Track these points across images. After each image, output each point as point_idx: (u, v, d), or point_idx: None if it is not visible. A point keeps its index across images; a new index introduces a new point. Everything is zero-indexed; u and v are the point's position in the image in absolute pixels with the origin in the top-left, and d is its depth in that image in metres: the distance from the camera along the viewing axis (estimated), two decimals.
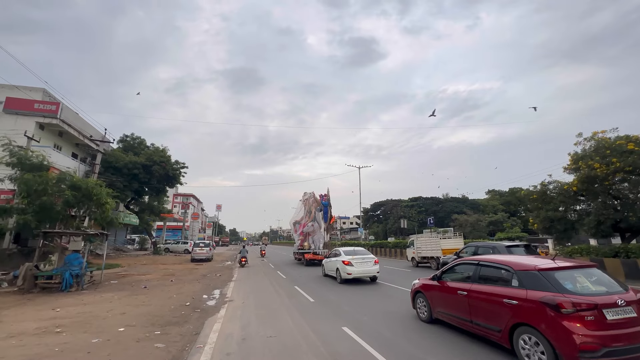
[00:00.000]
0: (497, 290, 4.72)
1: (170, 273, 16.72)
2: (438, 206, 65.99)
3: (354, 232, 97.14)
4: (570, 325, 3.67)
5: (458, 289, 5.46)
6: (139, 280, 13.84)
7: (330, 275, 13.76)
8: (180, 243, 36.05)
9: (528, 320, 4.08)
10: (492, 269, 5.14)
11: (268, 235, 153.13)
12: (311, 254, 20.38)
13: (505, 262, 4.97)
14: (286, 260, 26.45)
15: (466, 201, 66.22)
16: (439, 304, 6.04)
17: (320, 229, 22.07)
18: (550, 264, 4.52)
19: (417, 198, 70.62)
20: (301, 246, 22.29)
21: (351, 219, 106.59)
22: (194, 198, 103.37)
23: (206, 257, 24.62)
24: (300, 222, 24.17)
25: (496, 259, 5.32)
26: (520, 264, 4.69)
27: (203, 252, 24.51)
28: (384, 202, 79.79)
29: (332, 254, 14.25)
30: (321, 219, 22.36)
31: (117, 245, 34.31)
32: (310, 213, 23.19)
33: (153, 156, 28.52)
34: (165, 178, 29.88)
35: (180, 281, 13.72)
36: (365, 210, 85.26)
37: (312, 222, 22.49)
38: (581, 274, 4.36)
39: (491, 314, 4.71)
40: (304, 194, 24.67)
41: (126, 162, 26.68)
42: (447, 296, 5.80)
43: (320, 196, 23.21)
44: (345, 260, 12.13)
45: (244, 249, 22.90)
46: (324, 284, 12.34)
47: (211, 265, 22.36)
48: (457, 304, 5.44)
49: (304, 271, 17.67)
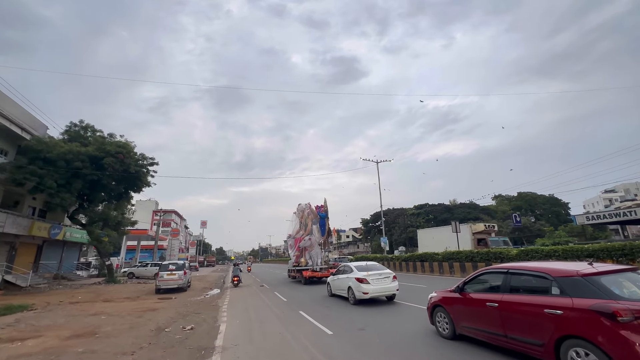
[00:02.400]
0: (535, 300, 4.20)
1: (89, 329, 8.52)
2: (448, 213, 59.52)
3: (352, 246, 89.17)
4: (630, 335, 3.24)
5: (487, 301, 4.91)
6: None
7: (338, 295, 11.77)
8: (150, 266, 27.39)
9: (578, 331, 3.61)
10: (525, 277, 4.61)
11: (257, 252, 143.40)
12: (310, 271, 18.10)
13: (540, 269, 4.45)
14: (281, 279, 23.33)
15: (477, 207, 60.21)
16: (464, 318, 5.45)
17: (317, 243, 19.73)
18: (589, 268, 4.06)
19: (422, 205, 64.05)
20: (297, 262, 19.97)
21: (347, 232, 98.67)
22: (176, 214, 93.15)
23: (179, 285, 16.45)
24: (295, 236, 21.73)
25: (529, 266, 4.76)
26: (559, 270, 4.21)
27: (173, 279, 16.33)
28: (386, 212, 72.86)
29: (339, 270, 12.09)
30: (318, 232, 20.17)
31: (63, 272, 25.33)
32: (306, 226, 20.65)
33: (106, 146, 20.51)
34: (126, 177, 21.79)
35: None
36: (364, 221, 77.92)
37: (309, 235, 19.95)
38: (625, 279, 3.96)
39: (530, 327, 4.18)
40: (299, 205, 22.18)
41: (63, 151, 18.56)
42: (473, 309, 5.26)
43: (317, 207, 21.06)
44: (360, 277, 10.11)
45: (236, 267, 19.99)
46: (335, 307, 10.03)
47: (184, 298, 14.25)
48: (487, 318, 4.87)
49: (304, 292, 14.89)
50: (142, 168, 22.78)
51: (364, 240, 75.40)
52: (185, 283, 17.04)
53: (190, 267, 19.08)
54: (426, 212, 61.11)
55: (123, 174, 21.28)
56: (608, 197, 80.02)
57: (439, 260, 19.44)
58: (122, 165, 20.64)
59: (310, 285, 17.46)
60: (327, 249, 25.12)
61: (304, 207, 21.67)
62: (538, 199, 65.65)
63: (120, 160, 20.41)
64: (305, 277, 17.78)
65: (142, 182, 23.26)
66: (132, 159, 21.56)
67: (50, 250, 25.00)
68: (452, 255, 18.70)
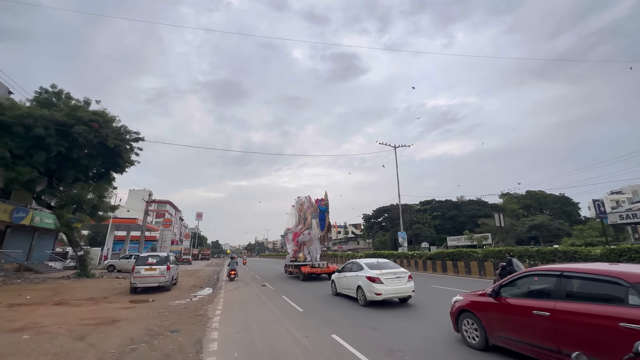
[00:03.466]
0: (605, 310, 3.31)
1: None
2: (456, 210, 56.43)
3: (352, 242, 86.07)
4: None
5: (533, 309, 4.03)
6: None
7: (344, 294, 10.54)
8: (134, 258, 23.78)
9: None
10: (587, 281, 3.70)
11: (254, 246, 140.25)
12: (309, 266, 17.25)
13: (611, 273, 3.48)
14: (279, 274, 22.07)
15: (486, 204, 57.19)
16: (500, 327, 4.59)
17: (317, 238, 18.88)
18: None
19: (428, 201, 60.87)
20: (294, 257, 19.35)
21: (348, 228, 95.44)
22: (170, 205, 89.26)
23: (160, 283, 12.91)
24: (294, 230, 21.00)
25: (593, 269, 3.76)
26: (637, 275, 3.25)
27: (153, 275, 12.76)
28: (388, 208, 69.61)
29: (346, 267, 10.72)
30: (317, 227, 19.03)
31: (31, 262, 21.67)
32: (305, 220, 19.79)
33: (77, 112, 16.84)
34: (103, 153, 18.18)
35: None
36: (366, 217, 74.71)
37: (308, 229, 19.04)
38: None
39: (597, 344, 3.31)
40: (298, 198, 21.28)
41: (21, 113, 14.87)
42: (514, 318, 4.37)
43: (317, 201, 19.70)
44: (372, 276, 8.79)
45: (232, 260, 19.52)
46: (344, 309, 8.66)
47: (164, 301, 10.76)
48: (534, 329, 4.02)
49: (305, 289, 13.76)
50: (124, 143, 19.11)
51: (365, 237, 72.21)
52: (169, 281, 13.52)
53: (178, 260, 15.58)
54: (432, 208, 57.96)
55: (99, 148, 17.67)
56: (615, 199, 77.67)
57: (479, 259, 15.99)
58: (97, 137, 16.97)
59: (308, 281, 16.33)
60: (327, 244, 23.01)
61: (303, 200, 20.46)
62: (548, 198, 62.85)
63: (94, 131, 16.74)
64: (303, 273, 16.69)
65: (124, 160, 19.61)
66: (110, 130, 17.89)
67: (17, 238, 21.29)
68: (498, 254, 15.16)
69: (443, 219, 55.49)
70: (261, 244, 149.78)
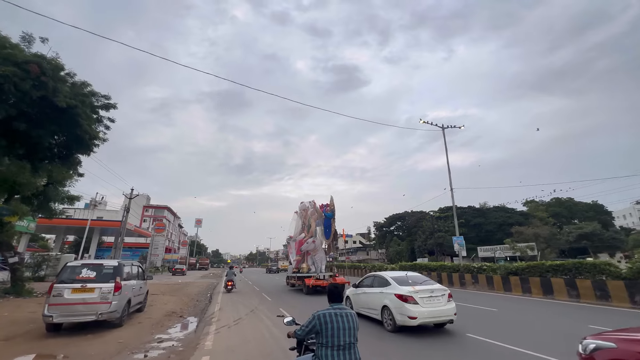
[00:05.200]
0: None
1: None
2: (482, 217, 50.33)
3: (361, 253, 79.48)
4: None
5: None
6: None
7: (362, 314, 8.34)
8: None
9: None
10: None
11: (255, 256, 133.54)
12: (313, 278, 15.05)
13: None
14: (279, 286, 20.23)
15: (513, 211, 51.19)
16: None
17: (322, 247, 16.90)
18: None
19: (449, 207, 54.84)
20: (297, 268, 17.34)
21: (354, 237, 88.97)
22: (168, 211, 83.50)
23: (100, 315, 7.10)
24: (297, 238, 18.92)
25: None
26: None
27: (88, 301, 7.03)
28: (402, 216, 63.59)
29: (366, 281, 8.76)
30: (322, 234, 16.92)
31: None
32: (309, 227, 17.74)
33: (7, 49, 11.42)
34: (53, 115, 12.70)
35: None
36: (378, 225, 68.52)
37: (313, 237, 16.82)
38: None
39: None
40: (301, 203, 19.42)
41: None
42: None
43: (322, 206, 17.71)
44: (403, 293, 6.89)
45: (230, 270, 18.07)
46: (369, 338, 6.44)
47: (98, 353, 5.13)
48: None
49: (311, 305, 10.62)
50: (85, 106, 13.61)
51: (377, 247, 65.78)
52: (120, 310, 7.67)
53: (143, 273, 9.86)
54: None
55: (45, 109, 12.21)
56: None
57: (623, 277, 10.06)
58: (39, 89, 11.52)
59: (313, 295, 14.57)
60: (333, 253, 19.76)
61: (307, 205, 18.56)
62: (578, 206, 56.93)
63: (34, 79, 11.30)
64: (307, 286, 14.95)
65: (87, 133, 14.06)
66: (62, 84, 12.45)
67: None
68: None
69: (467, 227, 49.34)
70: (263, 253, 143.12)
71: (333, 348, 2.49)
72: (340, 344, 2.50)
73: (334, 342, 2.49)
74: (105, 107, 14.99)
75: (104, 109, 15.03)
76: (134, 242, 57.03)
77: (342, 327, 2.53)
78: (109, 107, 15.10)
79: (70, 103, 12.49)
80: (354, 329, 2.62)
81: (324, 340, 2.51)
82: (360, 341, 2.76)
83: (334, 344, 2.49)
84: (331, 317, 2.55)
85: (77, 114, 13.14)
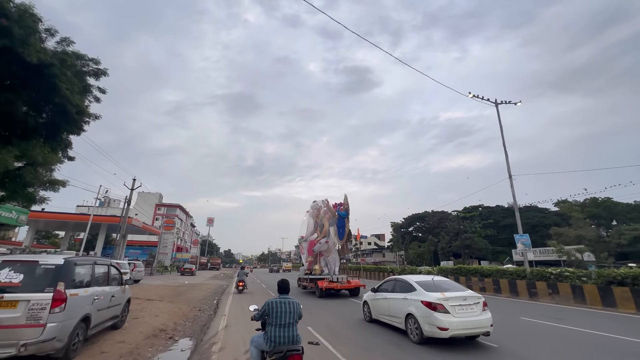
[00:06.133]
0: None
1: None
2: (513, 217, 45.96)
3: (377, 254, 75.64)
4: None
5: None
6: None
7: (381, 321, 7.84)
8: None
9: None
10: None
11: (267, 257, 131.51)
12: (326, 281, 14.19)
13: None
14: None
15: (548, 211, 46.58)
16: None
17: (335, 248, 16.19)
18: None
19: (474, 207, 50.59)
20: (309, 269, 16.73)
21: (369, 239, 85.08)
22: (180, 210, 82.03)
23: (25, 344, 4.27)
24: (309, 238, 18.22)
25: None
26: None
27: (9, 327, 4.20)
28: (422, 215, 59.67)
29: (386, 286, 8.04)
30: (335, 235, 16.14)
31: None
32: (322, 227, 16.85)
33: None
34: (22, 75, 10.19)
35: None
36: (395, 226, 64.71)
37: (326, 238, 16.21)
38: None
39: None
40: (314, 202, 18.25)
41: None
42: None
43: (335, 205, 16.72)
44: (432, 301, 6.11)
45: (242, 271, 17.19)
46: (394, 349, 5.89)
47: None
48: None
49: (326, 310, 10.60)
50: (66, 68, 11.02)
51: (395, 248, 61.94)
52: (63, 337, 4.75)
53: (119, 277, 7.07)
54: (481, 216, 47.67)
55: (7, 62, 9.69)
56: None
57: None
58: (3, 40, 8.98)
59: (327, 299, 13.63)
60: (347, 255, 18.88)
61: (320, 204, 17.89)
62: (619, 207, 51.61)
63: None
64: (321, 289, 13.97)
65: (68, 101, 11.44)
66: (32, 34, 9.89)
67: None
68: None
69: (496, 227, 45.14)
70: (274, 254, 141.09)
71: (277, 326, 3.36)
72: (283, 323, 3.38)
73: (278, 322, 3.37)
74: (94, 73, 12.39)
75: (93, 76, 12.44)
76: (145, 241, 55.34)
77: (285, 311, 3.41)
78: (99, 74, 12.47)
79: (43, 59, 9.85)
80: (295, 312, 3.48)
81: (271, 320, 3.40)
82: (381, 352, 3.73)
83: (278, 323, 3.37)
84: (277, 304, 3.45)
85: (54, 74, 10.52)
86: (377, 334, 7.14)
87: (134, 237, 54.27)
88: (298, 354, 3.22)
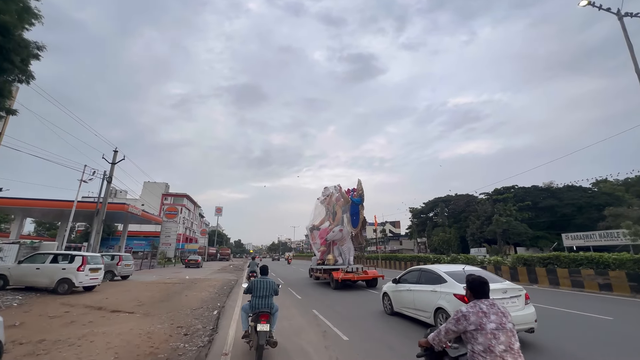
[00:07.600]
0: None
1: None
2: (554, 198, 40.62)
3: (394, 242, 71.38)
4: None
5: None
6: None
7: (404, 314, 7.29)
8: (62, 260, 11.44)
9: None
10: None
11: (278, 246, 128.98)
12: (341, 271, 13.53)
13: None
14: (303, 279, 18.76)
15: (593, 191, 41.12)
16: None
17: (349, 236, 15.32)
18: None
19: (507, 188, 45.25)
20: (322, 259, 15.91)
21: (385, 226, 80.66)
22: (188, 199, 78.83)
23: None
24: (321, 226, 17.43)
25: None
26: None
27: None
28: (445, 199, 54.72)
29: (409, 276, 7.48)
30: (348, 223, 15.59)
31: None
32: (334, 214, 16.21)
33: None
34: None
35: None
36: (414, 211, 59.90)
37: (340, 226, 15.42)
38: None
39: None
40: (325, 189, 17.57)
41: None
42: None
43: (348, 191, 16.29)
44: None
45: (252, 261, 15.60)
46: None
47: None
48: None
49: (342, 303, 9.80)
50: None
51: (413, 236, 57.47)
52: None
53: None
54: (516, 197, 42.50)
55: None
56: None
57: None
58: None
59: (342, 290, 12.78)
60: (362, 244, 17.40)
61: (332, 190, 16.84)
62: None
63: None
64: (336, 280, 13.08)
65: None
66: None
67: None
68: None
69: (535, 210, 40.02)
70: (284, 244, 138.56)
71: (257, 297, 4.78)
72: (261, 295, 4.79)
73: (258, 294, 4.79)
74: None
75: None
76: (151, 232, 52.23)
77: (262, 287, 4.84)
78: None
79: None
80: (270, 288, 4.89)
81: (254, 292, 4.83)
82: None
83: (258, 295, 4.79)
84: (258, 282, 4.89)
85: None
86: (401, 330, 6.45)
87: (140, 227, 51.23)
88: (266, 313, 4.62)
